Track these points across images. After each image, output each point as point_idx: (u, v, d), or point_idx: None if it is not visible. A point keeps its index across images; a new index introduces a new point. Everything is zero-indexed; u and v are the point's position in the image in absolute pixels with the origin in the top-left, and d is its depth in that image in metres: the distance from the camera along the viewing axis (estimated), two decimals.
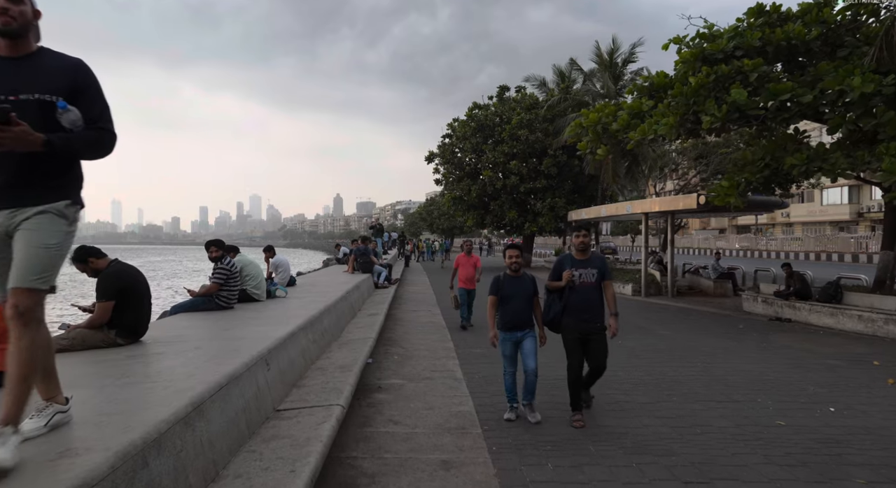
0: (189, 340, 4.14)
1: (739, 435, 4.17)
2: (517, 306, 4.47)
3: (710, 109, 9.20)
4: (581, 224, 4.55)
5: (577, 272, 4.41)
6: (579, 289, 4.41)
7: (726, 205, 9.80)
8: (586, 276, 4.43)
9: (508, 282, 4.53)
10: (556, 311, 4.50)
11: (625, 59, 24.50)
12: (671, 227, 14.84)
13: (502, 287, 4.51)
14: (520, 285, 4.52)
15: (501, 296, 4.50)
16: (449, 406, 4.96)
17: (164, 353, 3.66)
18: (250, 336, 4.31)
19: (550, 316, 4.53)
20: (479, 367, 6.59)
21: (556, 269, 4.56)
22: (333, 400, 3.74)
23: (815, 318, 9.63)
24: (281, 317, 5.46)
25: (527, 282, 4.58)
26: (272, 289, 7.53)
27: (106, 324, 3.94)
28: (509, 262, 4.58)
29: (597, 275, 4.45)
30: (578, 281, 4.40)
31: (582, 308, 4.40)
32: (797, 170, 9.03)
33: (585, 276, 4.42)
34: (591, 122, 11.56)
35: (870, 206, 44.52)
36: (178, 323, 5.10)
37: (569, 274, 4.39)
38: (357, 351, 5.50)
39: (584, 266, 4.45)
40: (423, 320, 10.30)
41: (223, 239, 6.88)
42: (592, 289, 4.44)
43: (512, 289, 4.50)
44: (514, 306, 4.46)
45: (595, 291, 4.44)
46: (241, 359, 3.38)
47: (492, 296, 4.57)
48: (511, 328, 4.47)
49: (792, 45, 9.65)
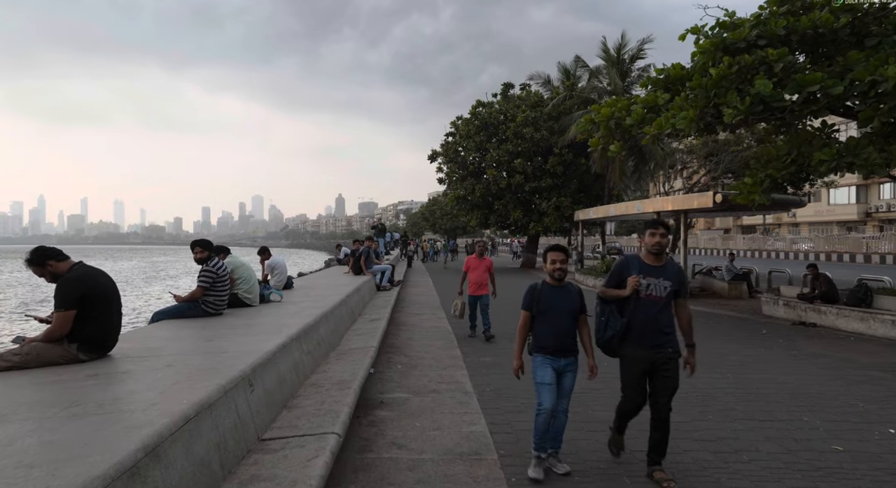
0: (163, 355, 3.62)
1: (793, 464, 3.63)
2: (559, 324, 3.47)
3: (733, 102, 8.64)
4: (655, 220, 3.44)
5: (646, 281, 3.38)
6: (645, 302, 3.39)
7: (749, 203, 9.25)
8: (656, 289, 3.39)
9: (548, 294, 3.51)
10: (615, 329, 3.45)
11: (632, 56, 23.97)
12: (684, 227, 14.29)
13: (540, 299, 3.50)
14: (563, 298, 3.51)
15: (539, 311, 3.49)
16: (459, 425, 4.44)
17: (130, 373, 3.14)
18: (234, 349, 3.79)
19: (607, 335, 3.49)
20: (490, 378, 6.07)
21: (616, 273, 3.52)
22: (328, 426, 3.21)
23: (844, 323, 9.07)
24: (273, 326, 4.94)
25: (572, 295, 3.55)
26: (266, 294, 7.01)
27: (66, 337, 3.42)
28: (552, 268, 3.50)
29: (669, 289, 3.39)
30: (645, 292, 3.38)
31: (649, 328, 3.38)
32: (826, 166, 8.48)
33: (655, 288, 3.39)
34: (603, 116, 11.00)
35: (878, 206, 43.88)
36: (156, 333, 4.57)
37: (635, 280, 3.34)
38: (357, 363, 4.97)
39: (656, 274, 3.40)
40: (428, 325, 9.77)
41: (226, 239, 6.29)
42: (661, 306, 3.40)
43: (552, 302, 3.48)
44: (555, 324, 3.47)
45: (665, 309, 3.41)
46: (219, 380, 2.85)
47: (525, 311, 3.54)
48: (553, 352, 3.47)
49: (819, 33, 9.09)
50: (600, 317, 3.55)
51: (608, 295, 3.53)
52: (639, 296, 3.37)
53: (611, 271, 3.56)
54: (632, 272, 3.41)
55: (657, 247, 3.40)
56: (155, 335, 4.47)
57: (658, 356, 3.37)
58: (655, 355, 3.36)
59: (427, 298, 14.20)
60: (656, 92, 10.58)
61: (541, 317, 3.50)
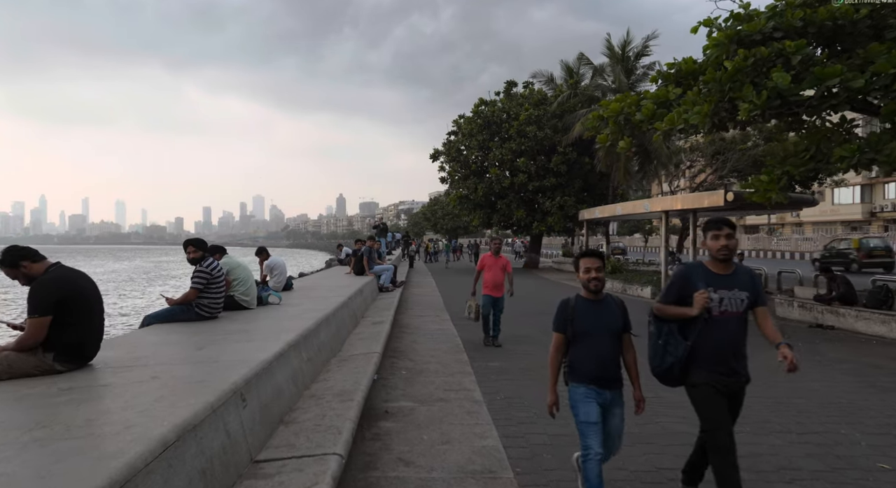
0: (149, 364, 3.30)
1: (841, 485, 3.31)
2: (601, 348, 2.81)
3: (749, 96, 8.32)
4: (718, 218, 2.85)
5: (717, 295, 2.72)
6: (718, 321, 2.72)
7: (766, 201, 8.92)
8: (731, 302, 2.74)
9: (585, 311, 2.83)
10: (677, 355, 2.78)
11: (637, 53, 23.64)
12: (693, 226, 13.97)
13: (575, 318, 2.82)
14: (603, 314, 2.84)
15: (574, 332, 2.83)
16: (470, 438, 4.12)
17: (110, 386, 2.83)
18: (227, 358, 3.47)
19: (667, 361, 2.84)
20: (500, 385, 5.76)
21: (676, 286, 2.86)
22: (329, 445, 2.90)
23: (864, 326, 8.74)
24: (270, 331, 4.62)
25: (614, 310, 2.88)
26: (264, 296, 6.68)
27: (41, 346, 3.10)
28: (587, 278, 2.82)
29: (746, 301, 2.76)
30: (719, 309, 2.73)
31: (724, 351, 2.74)
32: (847, 163, 8.15)
33: (730, 302, 2.74)
34: (612, 112, 10.68)
35: (883, 206, 43.52)
36: (145, 338, 4.26)
37: (705, 296, 2.68)
38: (360, 371, 4.65)
39: (728, 285, 2.75)
40: (432, 327, 9.45)
41: (227, 239, 5.97)
42: (738, 324, 2.75)
43: (590, 320, 2.81)
44: (595, 348, 2.80)
45: (742, 326, 2.78)
46: (207, 396, 2.54)
47: (558, 333, 2.88)
48: (595, 382, 2.82)
49: (838, 25, 8.76)
50: (656, 339, 2.89)
51: (667, 313, 2.86)
52: (710, 314, 2.73)
53: (668, 284, 2.93)
54: (697, 285, 2.74)
55: (725, 253, 2.74)
56: (143, 341, 4.15)
57: (735, 385, 2.78)
58: (729, 381, 2.76)
59: (430, 299, 13.89)
60: (667, 86, 10.26)
61: (577, 339, 2.82)
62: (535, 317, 10.87)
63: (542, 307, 12.65)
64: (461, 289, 17.13)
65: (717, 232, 2.75)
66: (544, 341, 8.28)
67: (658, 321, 2.92)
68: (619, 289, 16.20)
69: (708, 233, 2.80)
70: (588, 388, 2.80)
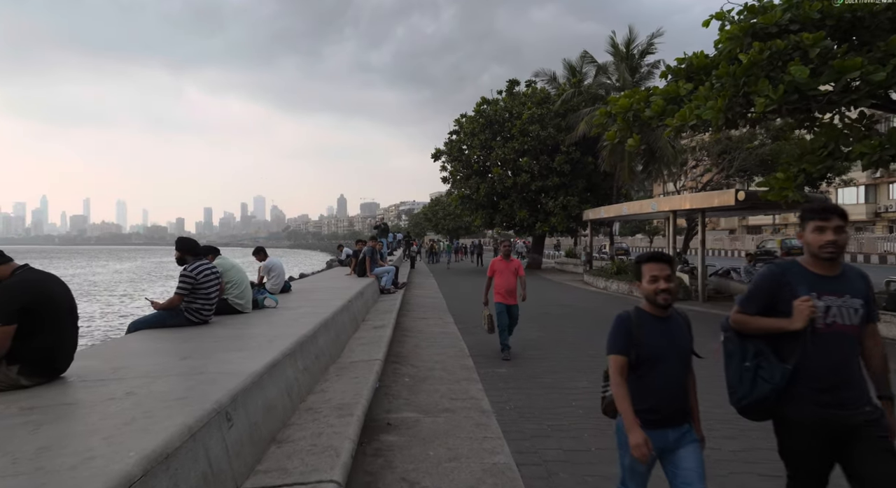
0: (127, 377, 2.98)
1: None
2: (671, 376, 2.24)
3: (765, 90, 8.00)
4: (824, 205, 2.15)
5: (823, 302, 2.11)
6: (824, 337, 2.10)
7: (782, 199, 8.59)
8: (842, 314, 2.12)
9: (652, 329, 2.24)
10: (774, 381, 2.14)
11: (642, 51, 23.34)
12: (703, 226, 13.65)
13: (642, 341, 2.22)
14: (673, 334, 2.26)
15: (639, 357, 2.21)
16: (479, 454, 3.80)
17: (78, 405, 2.50)
18: (214, 369, 3.15)
19: (758, 392, 2.18)
20: (509, 394, 5.45)
21: (766, 289, 2.23)
22: (325, 469, 2.57)
23: (886, 330, 8.39)
24: (264, 338, 4.30)
25: (682, 328, 2.30)
26: (260, 299, 6.36)
27: (4, 358, 2.78)
28: (654, 289, 2.22)
29: (861, 311, 2.13)
30: (825, 320, 2.11)
31: (836, 376, 2.12)
32: (867, 159, 7.83)
33: (840, 313, 2.12)
34: (620, 108, 10.36)
35: (888, 206, 43.16)
36: (127, 346, 3.93)
37: (810, 304, 2.07)
38: (360, 380, 4.33)
39: (838, 290, 2.14)
40: (435, 330, 9.13)
41: (228, 240, 5.61)
42: (852, 340, 2.14)
43: (660, 342, 2.23)
44: (662, 377, 2.22)
45: (856, 344, 2.16)
46: (185, 418, 2.22)
47: (618, 355, 2.24)
48: (656, 422, 2.21)
49: (857, 17, 8.44)
50: (740, 362, 2.24)
51: (752, 327, 2.22)
52: (814, 327, 2.10)
53: (752, 288, 2.28)
54: (797, 289, 2.13)
55: (831, 250, 2.09)
56: (125, 349, 3.83)
57: (848, 416, 2.09)
58: (842, 414, 2.09)
59: (433, 301, 13.57)
60: (677, 82, 9.93)
61: (640, 366, 2.22)
62: (540, 319, 10.56)
63: (547, 308, 12.35)
64: (463, 291, 16.83)
65: (822, 223, 2.10)
66: (551, 346, 8.02)
67: (740, 338, 2.27)
68: (626, 290, 15.88)
69: (809, 223, 2.15)
70: (646, 431, 2.15)
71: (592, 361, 6.95)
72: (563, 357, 7.28)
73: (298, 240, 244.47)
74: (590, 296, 16.05)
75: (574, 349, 7.80)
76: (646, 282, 2.24)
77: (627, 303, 3.92)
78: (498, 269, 7.18)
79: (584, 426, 4.52)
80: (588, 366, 6.71)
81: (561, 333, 9.19)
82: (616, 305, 13.27)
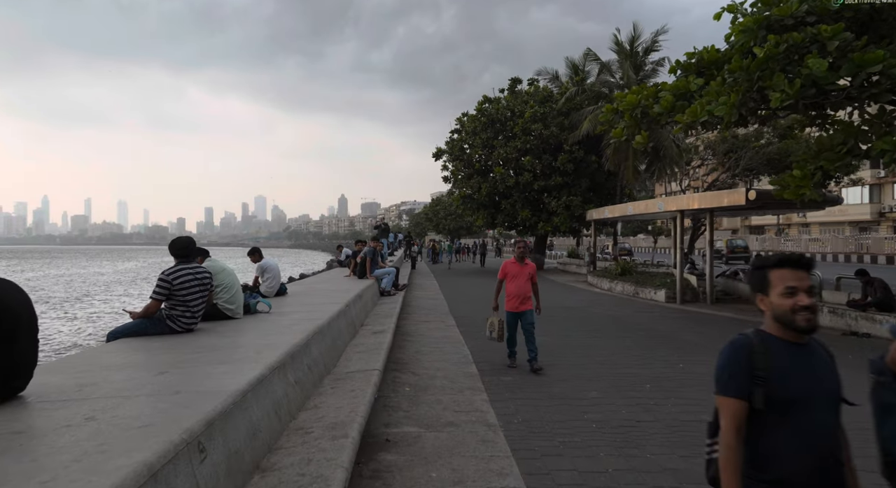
0: (91, 397, 2.65)
1: None
2: (820, 429, 1.58)
3: (780, 85, 7.66)
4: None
5: None
6: None
7: (799, 198, 8.25)
8: None
9: (784, 362, 1.60)
10: None
11: (646, 48, 22.94)
12: (711, 227, 13.31)
13: (772, 374, 1.58)
14: (816, 369, 1.63)
15: (770, 399, 1.56)
16: (486, 476, 3.47)
17: (26, 434, 2.17)
18: (191, 388, 2.82)
19: None
20: (516, 405, 5.11)
21: None
22: None
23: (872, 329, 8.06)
24: (251, 348, 3.97)
25: (825, 361, 1.66)
26: (252, 303, 6.02)
27: None
28: (792, 305, 1.58)
29: None
30: None
31: None
32: (889, 156, 7.49)
33: None
34: (628, 104, 10.02)
35: (892, 206, 42.75)
36: (101, 359, 3.60)
37: None
38: (357, 394, 3.99)
39: None
40: (437, 334, 8.80)
41: (228, 240, 5.26)
42: None
43: (800, 378, 1.59)
44: (808, 428, 1.56)
45: None
46: (145, 454, 1.88)
47: (734, 399, 1.59)
48: None
49: (876, 9, 8.11)
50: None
51: None
52: None
53: None
54: None
55: None
56: (98, 362, 3.49)
57: None
58: None
59: (434, 303, 13.24)
60: (687, 77, 9.58)
61: (774, 412, 1.57)
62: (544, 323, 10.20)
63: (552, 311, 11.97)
64: (464, 291, 16.50)
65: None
66: (557, 351, 7.66)
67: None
68: (631, 292, 15.53)
69: None
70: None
71: (602, 368, 6.62)
72: (571, 363, 6.94)
73: (299, 239, 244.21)
74: (595, 297, 15.71)
75: (582, 355, 7.47)
76: (777, 294, 1.61)
77: (634, 305, 3.42)
78: (511, 273, 6.56)
79: (598, 443, 4.18)
80: (597, 373, 6.38)
81: (567, 338, 8.85)
82: (623, 307, 12.92)
